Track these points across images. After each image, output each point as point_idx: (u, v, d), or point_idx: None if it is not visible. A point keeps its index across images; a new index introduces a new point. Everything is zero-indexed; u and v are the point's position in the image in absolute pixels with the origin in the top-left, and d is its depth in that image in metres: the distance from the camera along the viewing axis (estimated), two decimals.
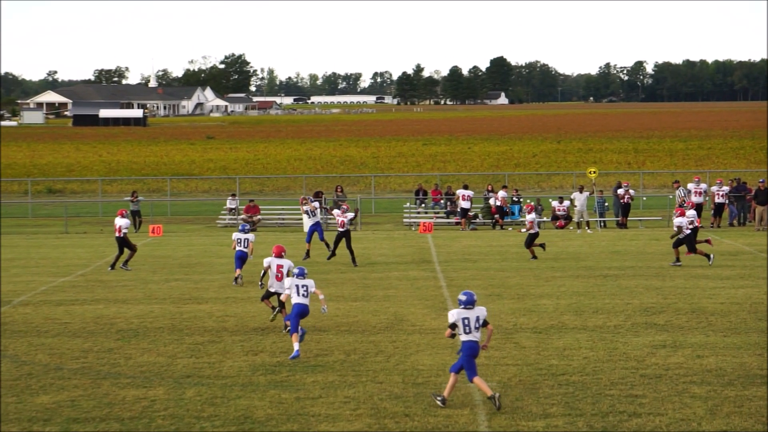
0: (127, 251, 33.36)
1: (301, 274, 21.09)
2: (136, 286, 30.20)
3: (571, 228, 45.43)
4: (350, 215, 33.93)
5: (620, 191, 45.87)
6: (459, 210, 46.56)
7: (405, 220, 48.63)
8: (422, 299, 27.24)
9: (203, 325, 24.05)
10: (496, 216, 46.57)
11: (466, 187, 46.65)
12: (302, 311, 20.87)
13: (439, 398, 16.95)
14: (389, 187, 66.20)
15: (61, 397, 17.85)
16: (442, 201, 49.76)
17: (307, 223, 35.90)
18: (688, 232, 32.92)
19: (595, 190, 48.25)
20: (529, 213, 35.17)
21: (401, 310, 25.58)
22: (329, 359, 20.38)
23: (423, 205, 50.22)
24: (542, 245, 35.07)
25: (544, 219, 47.12)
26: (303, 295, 20.88)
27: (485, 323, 16.95)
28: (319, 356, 20.68)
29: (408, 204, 50.44)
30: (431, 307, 26.03)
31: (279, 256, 23.54)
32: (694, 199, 45.04)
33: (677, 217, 33.14)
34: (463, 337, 16.90)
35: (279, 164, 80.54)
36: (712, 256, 32.78)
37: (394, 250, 38.21)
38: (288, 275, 23.06)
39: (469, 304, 16.89)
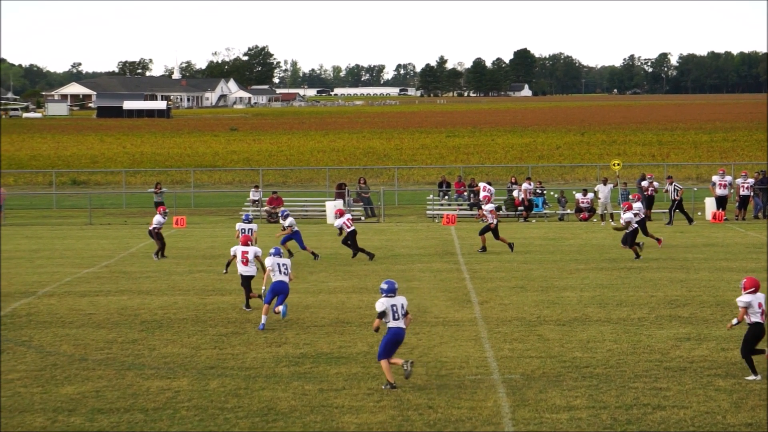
0: (162, 242, 34.29)
1: (277, 254, 22.87)
2: (159, 277, 30.30)
3: (595, 220, 45.32)
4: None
5: (644, 183, 45.68)
6: (478, 201, 46.51)
7: (428, 212, 48.58)
8: (445, 291, 27.22)
9: (227, 317, 24.11)
10: (520, 209, 46.52)
11: (489, 183, 46.59)
12: (281, 288, 22.53)
13: (388, 386, 17.62)
14: (412, 179, 66.10)
15: (86, 387, 17.93)
16: (465, 193, 49.67)
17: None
18: (635, 226, 32.85)
19: (618, 183, 48.10)
20: (486, 204, 35.30)
21: (424, 302, 25.57)
22: (352, 351, 20.39)
23: (446, 197, 50.17)
24: (505, 240, 34.99)
25: (568, 211, 47.05)
26: (284, 273, 22.68)
27: (406, 312, 17.75)
28: (342, 348, 20.70)
29: (431, 196, 50.40)
30: (454, 299, 26.01)
31: (245, 244, 25.04)
32: (719, 191, 44.83)
33: (625, 212, 33.08)
34: (391, 324, 17.63)
35: (302, 156, 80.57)
36: (641, 256, 32.65)
37: (418, 243, 38.19)
38: (256, 258, 24.71)
39: (391, 292, 17.71)
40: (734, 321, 18.28)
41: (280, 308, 22.56)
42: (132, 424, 15.88)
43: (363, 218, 47.29)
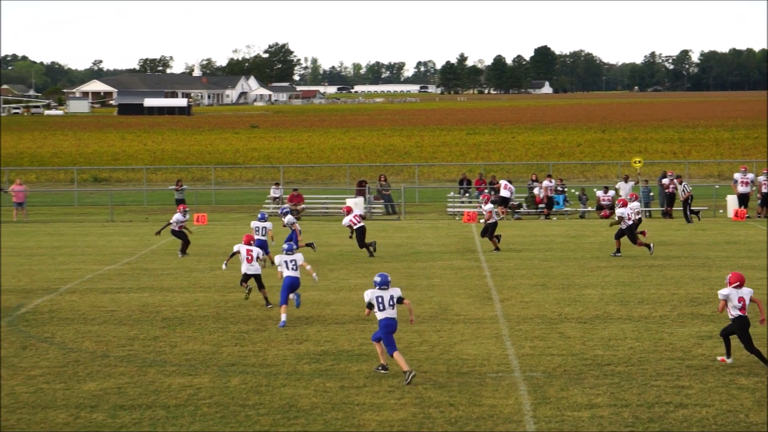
0: (186, 239, 34.48)
1: (290, 250, 23.06)
2: (180, 274, 30.37)
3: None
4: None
5: (665, 181, 45.57)
6: (498, 198, 46.45)
7: (449, 209, 48.58)
8: (466, 289, 27.20)
9: (248, 314, 24.15)
10: (541, 206, 46.42)
11: (510, 181, 46.55)
12: (293, 283, 22.75)
13: (379, 368, 18.32)
14: (433, 177, 66.07)
15: (108, 384, 17.99)
16: (486, 190, 49.60)
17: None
18: (630, 222, 32.81)
19: (640, 180, 47.95)
20: (486, 204, 35.19)
21: (445, 300, 25.56)
22: (373, 348, 20.33)
23: (467, 194, 50.13)
24: (497, 237, 34.85)
25: (589, 209, 46.93)
26: (293, 269, 22.92)
27: (400, 300, 18.16)
28: (363, 345, 20.70)
29: (452, 193, 50.39)
30: (475, 296, 25.99)
31: (248, 243, 25.30)
32: (741, 189, 44.65)
33: (620, 207, 33.12)
34: (379, 315, 18.07)
35: (323, 153, 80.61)
36: (652, 246, 32.64)
37: (438, 240, 38.17)
38: (257, 259, 25.03)
39: (384, 284, 18.17)
40: (720, 307, 18.59)
41: (293, 296, 22.69)
42: (154, 421, 15.93)
43: (367, 214, 47.07)
